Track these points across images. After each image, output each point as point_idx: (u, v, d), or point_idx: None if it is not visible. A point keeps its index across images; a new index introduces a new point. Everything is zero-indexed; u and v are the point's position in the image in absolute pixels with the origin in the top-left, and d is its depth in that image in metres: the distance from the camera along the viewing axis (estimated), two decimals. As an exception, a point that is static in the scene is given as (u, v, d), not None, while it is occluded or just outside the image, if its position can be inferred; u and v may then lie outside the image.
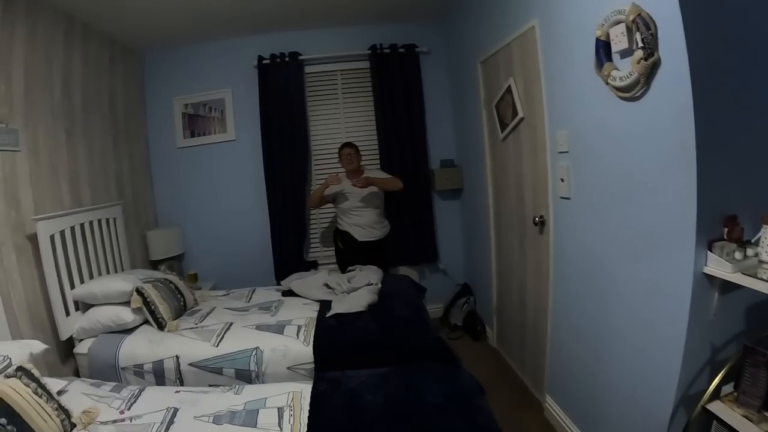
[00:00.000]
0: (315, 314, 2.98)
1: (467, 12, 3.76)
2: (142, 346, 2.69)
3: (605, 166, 1.96)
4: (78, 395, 2.08)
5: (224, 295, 3.64)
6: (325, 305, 3.07)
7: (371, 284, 3.24)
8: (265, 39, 4.27)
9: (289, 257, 4.31)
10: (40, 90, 3.01)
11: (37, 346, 2.15)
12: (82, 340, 2.85)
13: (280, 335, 2.68)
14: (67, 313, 2.88)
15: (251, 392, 2.15)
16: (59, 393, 2.04)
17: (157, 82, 4.45)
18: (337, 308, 2.92)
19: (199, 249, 4.50)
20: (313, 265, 4.25)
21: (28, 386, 1.77)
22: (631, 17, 1.61)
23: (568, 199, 2.31)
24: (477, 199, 3.96)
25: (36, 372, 1.91)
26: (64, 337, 2.81)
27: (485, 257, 3.76)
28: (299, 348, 2.55)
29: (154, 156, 4.49)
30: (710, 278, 1.52)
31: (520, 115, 2.83)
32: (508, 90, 2.96)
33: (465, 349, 3.65)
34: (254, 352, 2.53)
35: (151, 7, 3.48)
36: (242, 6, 3.65)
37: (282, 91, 4.23)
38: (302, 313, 3.01)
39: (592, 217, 2.12)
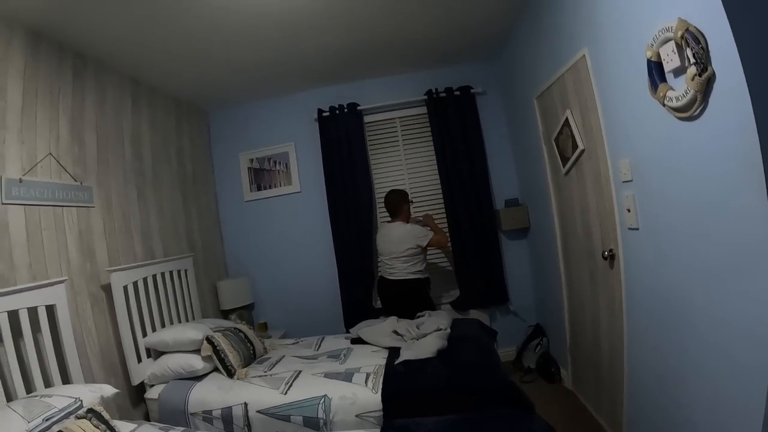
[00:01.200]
0: (384, 361, 2.98)
1: (517, 48, 3.83)
2: (212, 393, 2.79)
3: (671, 192, 1.90)
4: (148, 439, 2.17)
5: (293, 343, 3.73)
6: (394, 352, 3.07)
7: (440, 329, 3.22)
8: (324, 92, 4.53)
9: (357, 305, 4.37)
10: (112, 150, 3.37)
11: (108, 390, 2.30)
12: (153, 385, 3.02)
13: (348, 383, 2.69)
14: (139, 360, 3.08)
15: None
16: (130, 436, 2.14)
17: (223, 139, 4.84)
18: (405, 355, 2.91)
19: (269, 298, 4.67)
20: (382, 312, 4.28)
21: (98, 428, 1.90)
22: (680, 33, 1.58)
23: (637, 230, 2.24)
24: (544, 237, 3.86)
25: (106, 414, 2.04)
26: (135, 382, 2.99)
27: (556, 296, 3.66)
28: (368, 396, 2.54)
29: (223, 209, 4.81)
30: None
31: (581, 147, 2.81)
32: (566, 123, 2.95)
33: (539, 392, 3.52)
34: (322, 400, 2.55)
35: (213, 70, 3.82)
36: (301, 62, 3.92)
37: (343, 141, 4.42)
38: (371, 361, 3.02)
39: (664, 247, 2.03)
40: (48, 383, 2.35)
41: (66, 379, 2.47)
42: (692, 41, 1.53)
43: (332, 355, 3.28)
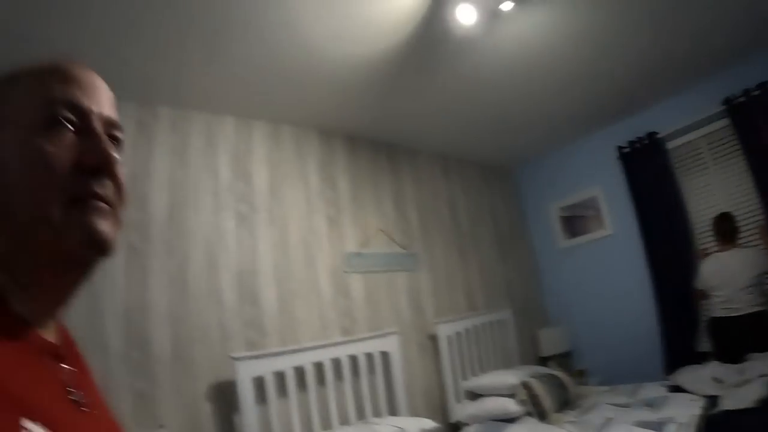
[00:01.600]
0: (700, 411, 2.63)
1: None
2: None
3: None
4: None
5: (609, 390, 3.56)
6: (713, 401, 2.71)
7: (765, 375, 2.67)
8: (620, 127, 4.29)
9: (678, 349, 3.81)
10: (432, 219, 4.01)
11: (429, 424, 2.74)
12: (468, 425, 3.30)
13: None
14: (458, 401, 3.47)
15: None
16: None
17: (531, 192, 5.06)
18: (724, 404, 2.59)
19: (587, 345, 4.50)
20: (713, 356, 3.64)
21: None
22: None
23: None
24: None
25: None
26: (452, 420, 3.38)
27: None
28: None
29: (539, 259, 4.96)
30: None
31: None
32: None
33: None
34: (630, 450, 2.46)
35: (510, 129, 4.17)
36: (589, 101, 3.89)
37: (649, 174, 4.06)
38: (686, 411, 2.70)
39: None
40: (378, 414, 2.95)
41: (393, 412, 3.04)
42: None
43: (647, 403, 3.02)
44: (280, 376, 2.54)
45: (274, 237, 2.89)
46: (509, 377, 3.32)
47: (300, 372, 2.63)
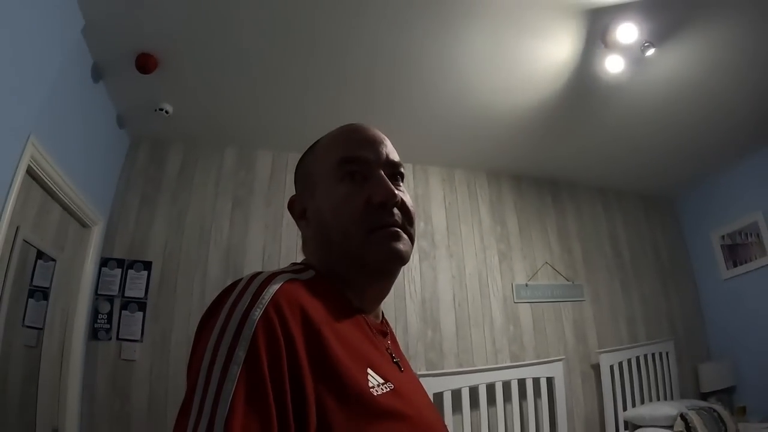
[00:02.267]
0: None
1: None
2: None
3: None
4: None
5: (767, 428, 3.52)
6: None
7: None
8: None
9: None
10: (595, 252, 4.23)
11: None
12: None
13: None
14: (617, 429, 3.63)
15: None
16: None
17: (691, 222, 4.93)
18: None
19: (751, 381, 4.25)
20: None
21: None
22: None
23: None
24: None
25: None
26: None
27: None
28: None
29: (701, 290, 4.81)
30: None
31: None
32: None
33: None
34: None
35: (665, 157, 4.18)
36: (749, 122, 3.76)
37: None
38: None
39: None
40: None
41: None
42: None
43: None
44: (456, 394, 2.94)
45: (452, 270, 3.32)
46: (668, 408, 3.42)
47: (474, 391, 3.03)
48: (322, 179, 0.73)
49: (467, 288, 3.35)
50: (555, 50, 2.59)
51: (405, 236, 0.71)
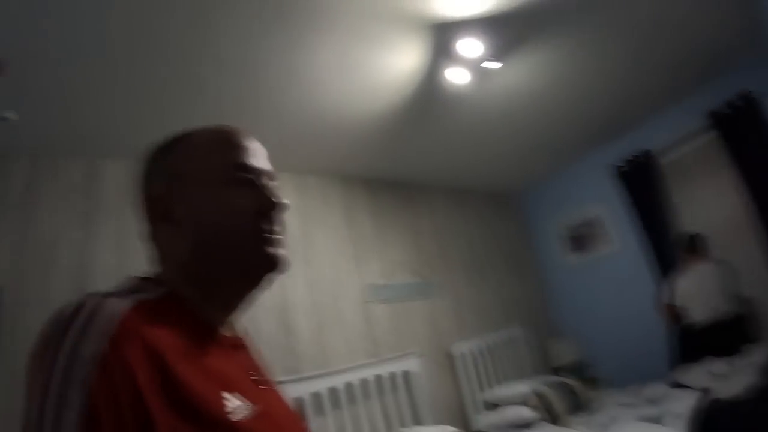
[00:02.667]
0: (696, 403, 2.98)
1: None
2: None
3: None
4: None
5: (617, 392, 4.06)
6: (708, 392, 3.04)
7: (753, 365, 3.01)
8: (616, 146, 4.75)
9: (681, 352, 4.19)
10: (447, 250, 4.58)
11: (450, 430, 3.22)
12: None
13: (659, 426, 2.91)
14: (478, 412, 3.97)
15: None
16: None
17: (537, 215, 5.60)
18: (716, 394, 2.92)
19: (598, 353, 4.95)
20: (709, 355, 3.98)
21: None
22: None
23: None
24: None
25: None
26: (473, 428, 3.88)
27: None
28: (674, 437, 2.77)
29: (548, 278, 5.48)
30: None
31: None
32: None
33: None
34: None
35: (512, 157, 4.70)
36: (583, 121, 4.37)
37: (646, 191, 4.50)
38: (685, 403, 3.08)
39: None
40: (403, 426, 3.47)
41: (418, 424, 3.54)
42: None
43: (650, 400, 3.48)
44: (317, 397, 3.06)
45: (307, 275, 3.46)
46: (522, 387, 3.80)
47: (334, 392, 3.16)
48: (203, 182, 0.71)
49: (322, 292, 3.48)
50: (403, 61, 2.79)
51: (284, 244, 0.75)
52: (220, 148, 0.74)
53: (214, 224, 0.68)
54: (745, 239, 4.02)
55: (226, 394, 0.59)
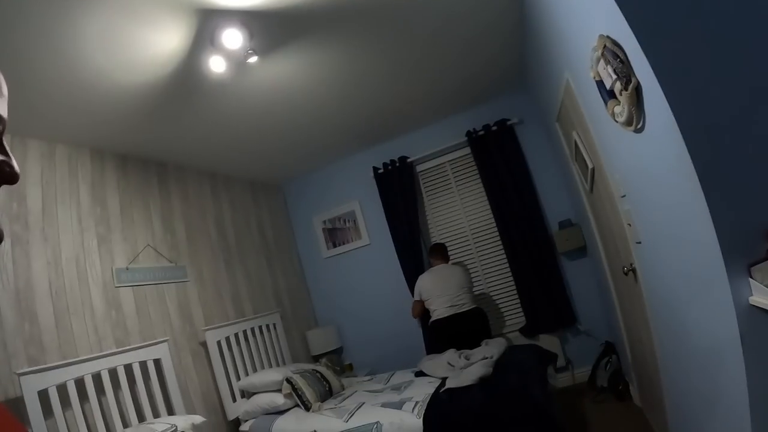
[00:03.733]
0: (433, 390, 3.49)
1: (533, 76, 4.22)
2: (291, 424, 3.59)
3: (651, 205, 1.97)
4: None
5: (368, 380, 4.48)
6: (445, 382, 3.47)
7: (486, 358, 3.62)
8: (378, 150, 5.48)
9: (429, 342, 4.93)
10: (199, 233, 4.51)
11: (198, 419, 3.19)
12: (246, 420, 3.91)
13: (398, 410, 3.21)
14: (234, 400, 4.06)
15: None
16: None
17: (297, 206, 6.00)
18: (449, 383, 3.32)
19: (355, 341, 5.57)
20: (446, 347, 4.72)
21: None
22: (601, 51, 1.66)
23: (640, 243, 2.33)
24: (593, 255, 4.18)
25: None
26: (231, 417, 3.97)
27: (614, 312, 3.85)
28: (412, 421, 3.03)
29: (306, 267, 5.91)
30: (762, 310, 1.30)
31: (590, 165, 3.00)
32: (576, 143, 3.18)
33: (608, 412, 3.75)
34: (375, 426, 3.11)
35: (277, 150, 4.91)
36: (349, 128, 4.83)
37: (398, 193, 5.23)
38: (424, 390, 3.55)
39: (662, 259, 2.05)
40: (157, 416, 3.34)
41: (171, 414, 3.44)
42: (610, 56, 1.58)
43: (395, 387, 3.93)
44: (63, 389, 2.79)
45: (48, 255, 3.10)
46: (275, 374, 3.97)
47: (80, 384, 2.91)
48: None
49: (64, 274, 3.15)
50: (166, 41, 2.71)
51: None
52: None
53: None
54: (488, 242, 4.97)
55: None
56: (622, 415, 3.68)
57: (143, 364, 3.34)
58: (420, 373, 4.06)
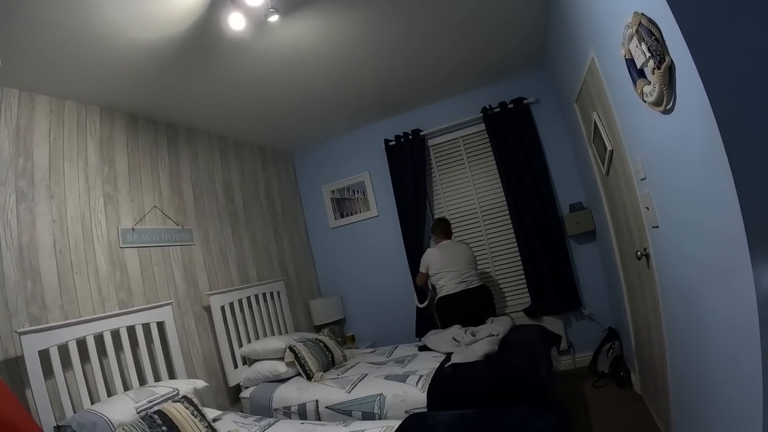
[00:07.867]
0: (437, 365, 3.46)
1: (554, 54, 4.14)
2: (292, 393, 3.59)
3: (674, 189, 1.93)
4: (228, 422, 3.10)
5: (371, 352, 4.47)
6: (449, 357, 3.47)
7: (492, 335, 3.62)
8: (391, 122, 5.40)
9: (427, 316, 4.99)
10: (207, 197, 4.47)
11: (200, 384, 3.22)
12: (247, 387, 3.94)
13: (402, 383, 3.20)
14: (236, 366, 4.06)
15: (355, 426, 2.80)
16: (215, 420, 3.09)
17: (306, 175, 5.96)
18: (455, 359, 3.31)
19: (358, 313, 5.56)
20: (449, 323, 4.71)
21: (188, 409, 2.70)
22: (634, 28, 1.64)
23: (657, 227, 2.28)
24: (604, 239, 4.11)
25: (196, 400, 2.95)
26: (231, 384, 3.97)
27: (620, 298, 3.78)
28: (416, 394, 3.02)
29: (312, 237, 5.89)
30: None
31: (609, 147, 2.95)
32: (596, 124, 3.12)
33: (608, 397, 3.75)
34: (378, 398, 3.11)
35: (291, 117, 4.83)
36: (365, 98, 4.76)
37: (408, 166, 5.12)
38: (428, 365, 3.55)
39: (679, 245, 2.01)
40: (158, 380, 3.35)
41: (172, 378, 3.44)
42: (645, 34, 1.56)
43: (398, 360, 3.91)
44: (64, 349, 2.77)
45: (53, 213, 3.07)
46: (278, 342, 3.97)
47: (82, 344, 2.90)
48: None
49: (69, 233, 3.12)
50: None
51: None
52: None
53: None
54: (498, 221, 4.95)
55: None
56: (622, 401, 3.66)
57: (146, 327, 3.33)
58: (423, 348, 4.07)
